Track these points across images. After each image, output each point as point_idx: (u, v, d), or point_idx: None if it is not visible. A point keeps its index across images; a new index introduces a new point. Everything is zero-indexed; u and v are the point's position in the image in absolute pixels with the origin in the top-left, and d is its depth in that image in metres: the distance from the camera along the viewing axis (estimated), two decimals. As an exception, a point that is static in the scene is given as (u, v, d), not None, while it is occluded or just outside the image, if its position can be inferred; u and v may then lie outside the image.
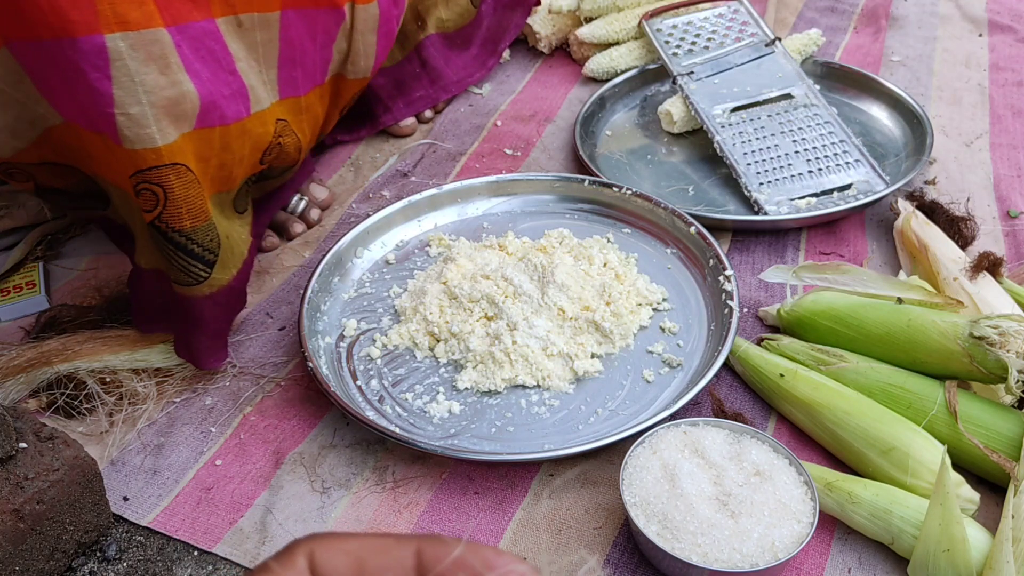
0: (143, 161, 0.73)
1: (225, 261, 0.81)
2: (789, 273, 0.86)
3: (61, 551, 0.69)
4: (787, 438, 0.78)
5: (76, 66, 0.68)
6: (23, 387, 0.82)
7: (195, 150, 0.76)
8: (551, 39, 1.31)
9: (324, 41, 0.90)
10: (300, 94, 0.90)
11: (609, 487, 0.75)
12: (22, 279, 0.95)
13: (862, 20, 1.41)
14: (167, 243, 0.77)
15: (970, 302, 0.82)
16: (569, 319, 0.85)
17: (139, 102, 0.71)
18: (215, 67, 0.77)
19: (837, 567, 0.69)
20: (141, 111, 0.71)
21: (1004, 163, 1.10)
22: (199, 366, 0.84)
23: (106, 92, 0.69)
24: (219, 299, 0.82)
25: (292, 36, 0.85)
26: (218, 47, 0.78)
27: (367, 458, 0.78)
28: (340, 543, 0.30)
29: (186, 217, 0.76)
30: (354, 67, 0.95)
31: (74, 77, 0.69)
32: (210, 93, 0.76)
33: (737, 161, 1.05)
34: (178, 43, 0.73)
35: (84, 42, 0.67)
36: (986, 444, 0.71)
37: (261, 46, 0.83)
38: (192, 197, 0.76)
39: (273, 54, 0.85)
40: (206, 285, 0.80)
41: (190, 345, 0.83)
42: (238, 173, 0.83)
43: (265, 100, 0.84)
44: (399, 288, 0.92)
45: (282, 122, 0.87)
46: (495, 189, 1.02)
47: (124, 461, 0.78)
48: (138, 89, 0.70)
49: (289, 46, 0.86)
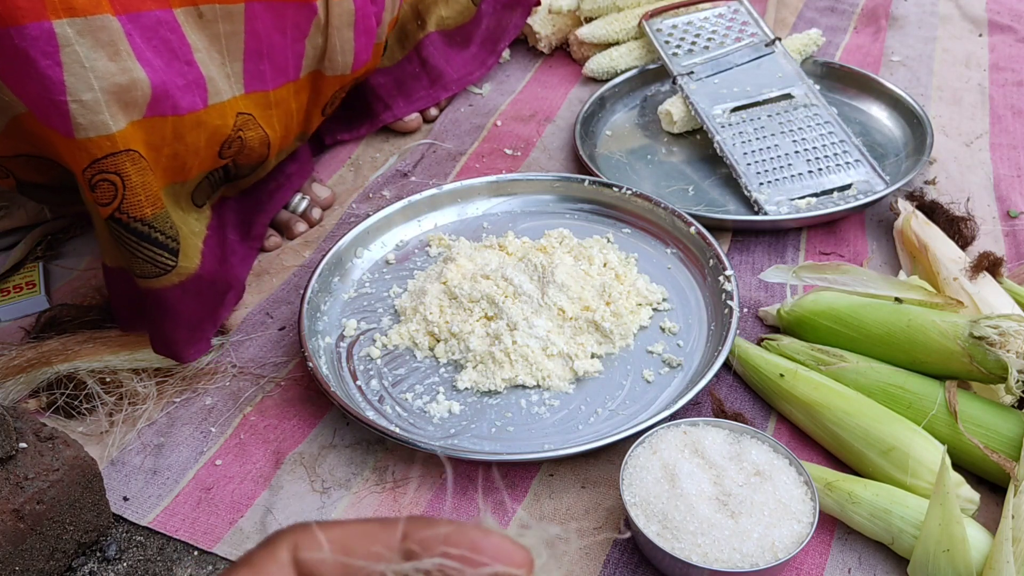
0: (98, 149, 0.72)
1: (186, 250, 0.81)
2: (789, 273, 0.86)
3: (61, 551, 0.69)
4: (787, 438, 0.78)
5: (26, 54, 0.68)
6: (23, 387, 0.82)
7: (145, 138, 0.75)
8: (551, 39, 1.31)
9: (295, 35, 0.88)
10: (268, 88, 0.88)
11: (609, 487, 0.75)
12: (22, 279, 0.95)
13: (862, 20, 1.41)
14: (130, 235, 0.76)
15: (970, 302, 0.82)
16: (569, 319, 0.85)
17: (91, 88, 0.70)
18: (169, 57, 0.76)
19: (837, 567, 0.69)
20: (94, 97, 0.70)
21: (1004, 163, 1.10)
22: (179, 359, 0.84)
23: (57, 79, 0.69)
24: (189, 287, 0.81)
25: (259, 29, 0.84)
26: (174, 37, 0.77)
27: (367, 458, 0.78)
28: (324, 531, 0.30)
29: (146, 205, 0.76)
30: (331, 64, 0.94)
31: (25, 65, 0.68)
32: (162, 82, 0.75)
33: (737, 161, 1.05)
34: (128, 31, 0.72)
35: (33, 28, 0.67)
36: (986, 444, 0.71)
37: (224, 38, 0.82)
38: (148, 184, 0.75)
39: (238, 47, 0.83)
40: (175, 274, 0.80)
41: (167, 339, 0.82)
42: (193, 164, 0.82)
43: (226, 93, 0.83)
44: (399, 288, 0.92)
45: (245, 116, 0.86)
46: (495, 189, 1.02)
47: (124, 461, 0.78)
48: (89, 75, 0.70)
49: (255, 39, 0.84)
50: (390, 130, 1.18)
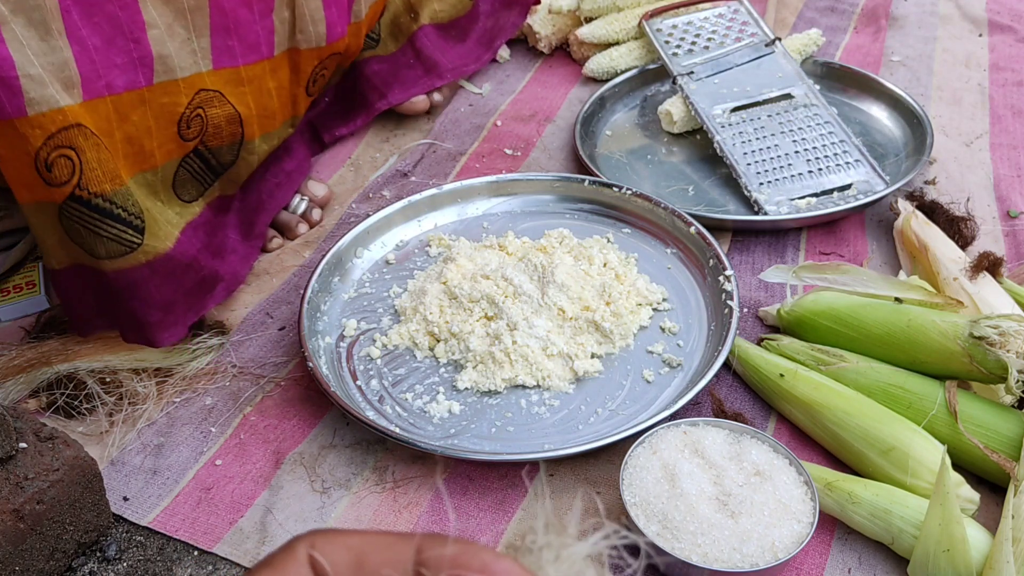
0: (51, 123, 0.72)
1: (154, 231, 0.80)
2: (789, 273, 0.86)
3: (61, 551, 0.69)
4: (787, 438, 0.78)
5: None
6: (23, 387, 0.82)
7: (93, 121, 0.75)
8: (551, 39, 1.31)
9: (262, 10, 0.87)
10: (238, 64, 0.87)
11: (609, 487, 0.75)
12: (22, 279, 0.95)
13: (862, 20, 1.41)
14: (92, 212, 0.75)
15: (970, 302, 0.82)
16: (569, 319, 0.85)
17: (34, 64, 0.70)
18: (112, 34, 0.76)
19: (837, 567, 0.69)
20: (38, 73, 0.71)
21: (1004, 163, 1.10)
22: (152, 343, 0.82)
23: (5, 55, 0.69)
24: (159, 267, 0.80)
25: (223, 3, 0.83)
26: (124, 14, 0.76)
27: (367, 458, 0.78)
28: (342, 538, 0.31)
29: (105, 180, 0.75)
30: (304, 36, 0.92)
31: None
32: (92, 61, 0.74)
33: (737, 161, 1.05)
34: (66, 7, 0.72)
35: None
36: (986, 444, 0.71)
37: (189, 12, 0.81)
38: (104, 160, 0.75)
39: (203, 22, 0.82)
40: (141, 252, 0.79)
41: (138, 323, 0.81)
42: (152, 147, 0.81)
43: (186, 70, 0.82)
44: (399, 288, 0.92)
45: (209, 92, 0.85)
46: (495, 189, 1.02)
47: (124, 461, 0.78)
48: (27, 52, 0.70)
49: (220, 13, 0.83)
50: (390, 130, 1.18)
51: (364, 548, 0.30)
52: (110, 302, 0.82)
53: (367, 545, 0.30)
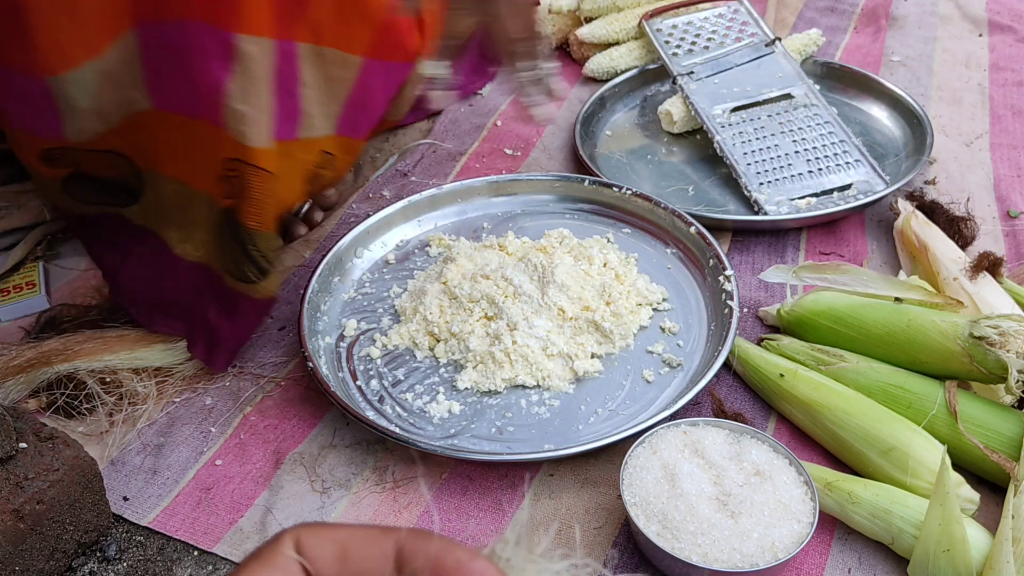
0: (242, 152, 0.75)
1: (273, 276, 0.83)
2: (789, 273, 0.86)
3: (61, 551, 0.69)
4: (787, 438, 0.78)
5: (201, 52, 0.73)
6: (23, 387, 0.82)
7: (266, 162, 0.78)
8: (551, 39, 1.31)
9: (392, 94, 0.92)
10: (358, 137, 0.91)
11: (609, 487, 0.75)
12: (22, 279, 0.95)
13: (862, 20, 1.41)
14: (238, 231, 0.78)
15: (970, 302, 0.82)
16: (569, 319, 0.85)
17: (246, 101, 0.74)
18: (278, 85, 0.79)
19: (837, 567, 0.69)
20: (247, 110, 0.74)
21: (1004, 163, 1.10)
22: (213, 366, 0.84)
23: (223, 83, 0.73)
24: (262, 307, 0.84)
25: (368, 83, 0.87)
26: (287, 68, 0.79)
27: (367, 458, 0.78)
28: (327, 531, 0.32)
29: (259, 217, 0.78)
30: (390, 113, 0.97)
31: (193, 63, 0.73)
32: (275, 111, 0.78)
33: (737, 161, 1.05)
34: None
35: (216, 32, 0.72)
36: (986, 444, 0.71)
37: (335, 81, 0.85)
38: (267, 198, 0.78)
39: (342, 93, 0.86)
40: (255, 289, 0.82)
41: (218, 344, 0.83)
42: (289, 198, 0.85)
43: (318, 129, 0.85)
44: (399, 288, 0.92)
45: (329, 155, 0.88)
46: (495, 189, 1.02)
47: (124, 461, 0.78)
48: (250, 89, 0.74)
49: (362, 92, 0.87)
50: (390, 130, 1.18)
51: (348, 542, 0.31)
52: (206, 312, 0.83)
53: (351, 539, 0.31)
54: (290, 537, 0.31)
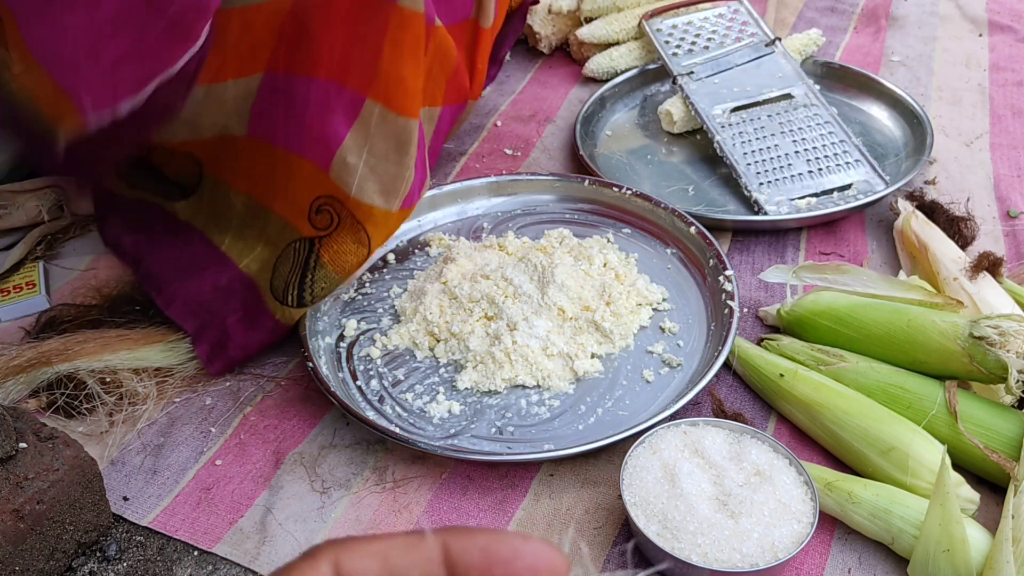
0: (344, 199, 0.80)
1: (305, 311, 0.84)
2: (789, 273, 0.86)
3: (61, 551, 0.69)
4: (787, 438, 0.78)
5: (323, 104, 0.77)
6: (23, 387, 0.82)
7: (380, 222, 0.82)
8: (551, 39, 1.32)
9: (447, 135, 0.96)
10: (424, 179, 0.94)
11: (609, 487, 0.75)
12: (22, 279, 0.95)
13: (862, 20, 1.41)
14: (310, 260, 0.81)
15: (970, 302, 0.82)
16: (569, 319, 0.85)
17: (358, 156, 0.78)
18: (419, 156, 0.82)
19: (837, 567, 0.69)
20: (357, 164, 0.79)
21: (1004, 163, 1.10)
22: (210, 368, 0.85)
23: (340, 135, 0.78)
24: (279, 331, 0.84)
25: (440, 130, 0.91)
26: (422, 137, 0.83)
27: (367, 458, 0.78)
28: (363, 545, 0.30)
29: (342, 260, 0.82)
30: None
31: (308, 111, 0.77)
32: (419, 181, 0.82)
33: (737, 161, 1.05)
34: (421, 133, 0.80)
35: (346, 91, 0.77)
36: (986, 444, 0.71)
37: (426, 136, 0.87)
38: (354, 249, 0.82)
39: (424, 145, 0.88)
40: (283, 312, 0.83)
41: (223, 347, 0.84)
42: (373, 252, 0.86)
43: None
44: (399, 288, 0.92)
45: None
46: (495, 189, 1.02)
47: (124, 461, 0.78)
48: (364, 152, 0.78)
49: (436, 140, 0.91)
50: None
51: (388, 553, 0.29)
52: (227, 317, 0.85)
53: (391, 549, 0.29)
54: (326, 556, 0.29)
